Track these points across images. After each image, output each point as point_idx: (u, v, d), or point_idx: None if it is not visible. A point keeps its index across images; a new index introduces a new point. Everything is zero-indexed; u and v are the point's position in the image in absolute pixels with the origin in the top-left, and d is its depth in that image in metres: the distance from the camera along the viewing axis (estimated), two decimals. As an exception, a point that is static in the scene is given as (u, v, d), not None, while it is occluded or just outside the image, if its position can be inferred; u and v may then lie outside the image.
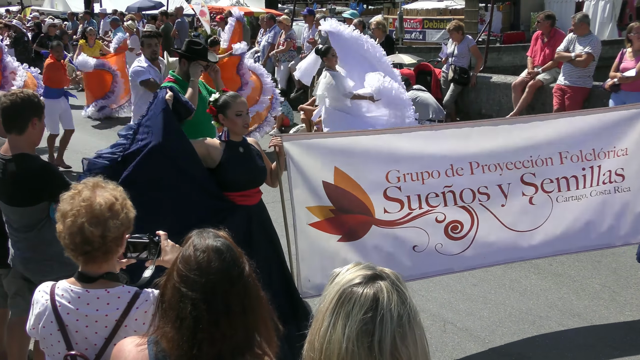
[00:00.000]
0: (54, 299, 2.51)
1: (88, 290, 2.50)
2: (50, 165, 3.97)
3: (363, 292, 1.56)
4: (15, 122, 3.79)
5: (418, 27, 31.83)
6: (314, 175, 4.58)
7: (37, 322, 2.54)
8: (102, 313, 2.48)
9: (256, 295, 1.99)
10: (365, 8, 34.71)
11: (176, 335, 1.91)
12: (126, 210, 2.53)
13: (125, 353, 2.06)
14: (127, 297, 2.51)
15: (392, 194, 4.60)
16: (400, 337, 1.53)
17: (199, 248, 1.97)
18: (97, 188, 2.53)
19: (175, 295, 1.93)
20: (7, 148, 3.84)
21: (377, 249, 4.69)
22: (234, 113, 4.46)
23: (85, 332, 2.48)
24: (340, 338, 1.54)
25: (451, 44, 11.64)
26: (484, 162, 4.70)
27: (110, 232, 2.45)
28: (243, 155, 4.52)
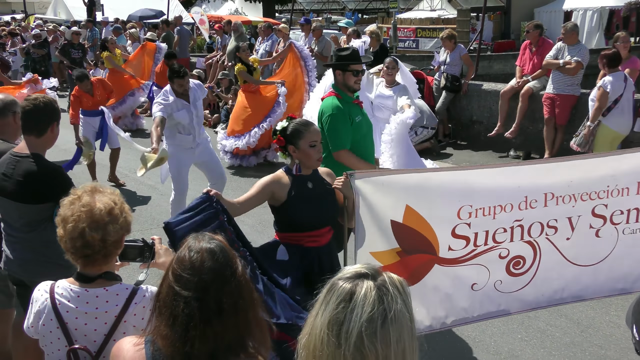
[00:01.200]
0: (54, 297, 2.51)
1: (87, 289, 2.51)
2: (61, 168, 3.99)
3: (343, 285, 1.61)
4: (37, 125, 3.84)
5: (411, 36, 31.94)
6: (384, 215, 4.01)
7: (37, 320, 2.54)
8: (102, 310, 2.49)
9: (249, 296, 2.00)
10: (360, 17, 34.79)
11: (170, 333, 1.92)
12: (125, 214, 2.55)
13: (124, 352, 2.07)
14: (126, 294, 2.52)
15: (460, 231, 4.08)
16: (369, 334, 1.54)
17: (193, 249, 1.99)
18: (96, 193, 2.54)
19: (169, 293, 1.94)
20: (23, 147, 3.87)
21: (436, 289, 4.18)
22: (307, 144, 3.79)
23: (85, 329, 2.49)
24: (319, 324, 1.59)
25: (443, 53, 11.69)
26: (560, 192, 4.13)
27: (110, 236, 2.46)
28: (312, 192, 3.87)
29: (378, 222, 3.98)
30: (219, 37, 18.11)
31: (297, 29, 18.61)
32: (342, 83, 5.08)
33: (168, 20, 18.35)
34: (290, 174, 3.86)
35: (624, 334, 4.80)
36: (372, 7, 40.28)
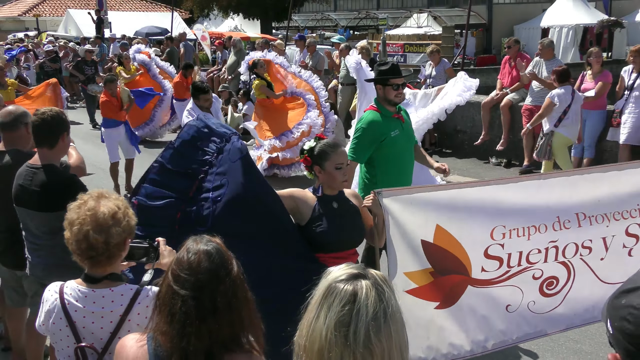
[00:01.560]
0: (63, 297, 2.52)
1: (94, 289, 2.51)
2: (74, 176, 3.97)
3: (344, 288, 1.60)
4: (47, 137, 3.83)
5: (400, 51, 32.04)
6: (414, 234, 3.71)
7: (47, 319, 2.55)
8: (107, 310, 2.49)
9: (243, 295, 2.00)
10: (352, 34, 34.86)
11: (168, 330, 1.93)
12: (128, 218, 2.54)
13: (127, 349, 2.06)
14: (130, 294, 2.52)
15: (493, 252, 3.81)
16: (375, 331, 1.55)
17: (191, 250, 1.99)
18: (102, 198, 2.55)
19: (168, 292, 1.95)
20: (37, 159, 3.86)
21: (472, 311, 3.89)
22: (333, 165, 3.55)
23: (92, 327, 2.49)
24: (321, 327, 1.57)
25: (429, 66, 11.72)
26: (591, 212, 3.89)
27: (112, 238, 2.46)
28: (337, 212, 3.61)
29: (408, 241, 3.70)
30: (219, 52, 18.14)
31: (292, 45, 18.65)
32: (383, 97, 4.92)
33: (172, 37, 18.38)
34: (316, 193, 3.66)
35: (598, 329, 4.80)
36: (362, 24, 40.33)
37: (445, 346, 3.82)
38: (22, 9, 40.43)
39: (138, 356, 2.01)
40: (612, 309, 1.37)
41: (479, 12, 36.55)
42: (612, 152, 9.04)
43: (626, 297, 1.34)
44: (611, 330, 1.35)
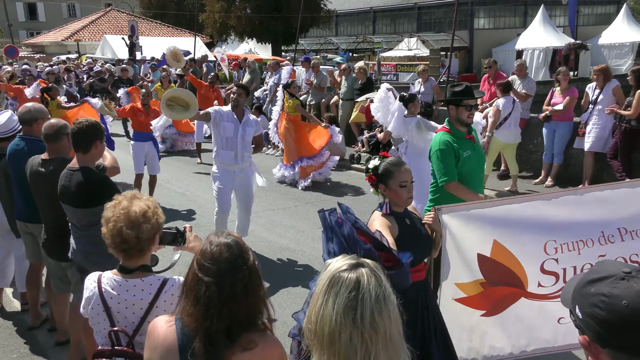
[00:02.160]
0: (101, 286, 2.54)
1: (127, 279, 2.53)
2: (106, 177, 4.01)
3: (348, 276, 1.61)
4: (82, 143, 3.87)
5: (392, 70, 32.07)
6: (470, 248, 3.53)
7: (87, 304, 2.57)
8: (138, 297, 2.50)
9: (257, 282, 2.03)
10: (351, 55, 34.87)
11: (194, 311, 1.96)
12: (157, 216, 2.56)
13: (158, 328, 2.08)
14: (158, 284, 2.53)
15: (549, 267, 3.56)
16: (378, 312, 1.58)
17: (213, 243, 2.02)
18: (134, 199, 2.57)
19: (194, 279, 1.98)
20: (75, 162, 3.91)
21: (519, 320, 3.69)
22: (397, 183, 3.23)
23: (125, 312, 2.51)
24: (330, 312, 1.58)
25: (418, 84, 11.73)
26: (632, 227, 3.60)
27: (143, 234, 2.49)
28: (411, 228, 3.30)
29: (463, 254, 3.54)
30: (235, 72, 18.21)
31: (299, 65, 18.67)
32: (455, 118, 4.42)
33: (194, 59, 18.39)
34: (388, 215, 3.26)
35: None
36: (360, 47, 40.37)
37: (486, 348, 3.70)
38: (65, 34, 40.64)
39: (167, 335, 2.03)
40: (580, 297, 1.37)
41: (462, 37, 36.58)
42: (578, 158, 9.04)
43: (594, 286, 1.34)
44: (581, 316, 1.35)
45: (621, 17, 34.72)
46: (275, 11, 32.96)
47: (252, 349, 1.94)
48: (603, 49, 33.11)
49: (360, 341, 1.56)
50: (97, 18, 42.86)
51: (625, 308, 1.27)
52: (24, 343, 4.91)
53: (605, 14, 43.13)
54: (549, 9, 34.86)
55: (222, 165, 6.40)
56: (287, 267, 6.48)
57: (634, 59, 31.26)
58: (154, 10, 44.48)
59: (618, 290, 1.30)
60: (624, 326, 1.27)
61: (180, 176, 11.00)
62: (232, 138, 6.29)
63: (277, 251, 6.93)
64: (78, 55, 31.63)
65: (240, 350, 1.94)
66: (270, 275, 6.23)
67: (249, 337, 1.96)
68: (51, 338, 4.91)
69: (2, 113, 5.28)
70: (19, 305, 5.55)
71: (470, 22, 38.00)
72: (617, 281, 1.32)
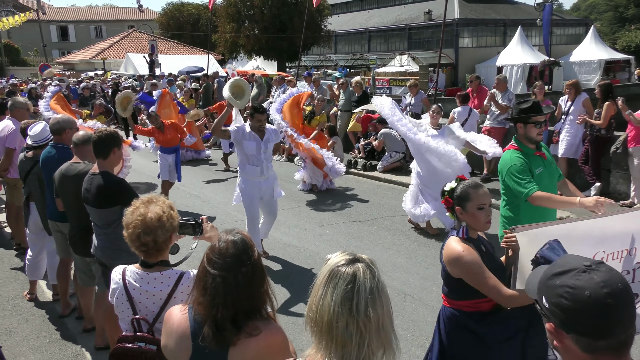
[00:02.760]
0: (125, 278, 2.54)
1: (148, 273, 2.53)
2: (123, 180, 4.02)
3: (346, 270, 1.61)
4: (102, 151, 3.88)
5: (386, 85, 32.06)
6: None
7: (113, 294, 2.57)
8: (158, 289, 2.50)
9: (261, 276, 2.02)
10: (348, 71, 34.87)
11: (203, 301, 1.96)
12: (171, 220, 2.55)
13: (173, 317, 2.08)
14: (175, 277, 2.53)
15: None
16: (372, 303, 1.58)
17: (222, 240, 2.02)
18: (150, 204, 2.55)
19: (203, 271, 1.98)
20: (95, 168, 3.92)
21: None
22: (475, 206, 2.85)
23: (146, 302, 2.51)
24: (329, 302, 1.59)
25: (409, 97, 11.72)
26: None
27: (159, 237, 2.49)
28: (487, 255, 2.89)
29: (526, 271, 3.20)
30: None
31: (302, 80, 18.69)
32: (524, 135, 3.91)
33: (207, 74, 18.43)
34: (466, 241, 2.87)
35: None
36: (357, 63, 40.40)
37: None
38: (92, 53, 40.75)
39: (182, 321, 2.04)
40: (547, 289, 1.39)
41: (448, 54, 36.62)
42: (553, 163, 9.02)
43: (560, 278, 1.36)
44: (547, 305, 1.38)
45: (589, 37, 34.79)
46: (281, 31, 33.04)
47: (256, 335, 1.94)
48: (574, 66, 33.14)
49: (356, 329, 1.57)
50: (121, 38, 42.94)
51: (587, 298, 1.29)
52: (55, 329, 4.91)
53: (576, 35, 43.21)
54: (525, 29, 34.95)
55: (249, 177, 6.11)
56: (291, 262, 6.47)
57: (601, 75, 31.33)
58: (171, 31, 44.59)
59: (581, 282, 1.32)
60: (585, 313, 1.30)
61: (194, 180, 11.00)
62: (256, 155, 6.00)
63: (281, 247, 6.92)
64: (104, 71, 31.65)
65: (245, 336, 1.93)
66: (276, 268, 6.23)
67: (253, 325, 1.96)
68: (79, 325, 4.91)
69: (36, 124, 5.30)
70: (51, 295, 5.55)
71: (456, 41, 38.05)
72: (579, 274, 1.35)
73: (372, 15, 49.04)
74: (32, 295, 5.54)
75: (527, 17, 39.27)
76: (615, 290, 1.30)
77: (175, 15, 45.81)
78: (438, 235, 7.21)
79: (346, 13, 52.92)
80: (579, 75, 30.80)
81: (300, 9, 30.88)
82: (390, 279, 5.73)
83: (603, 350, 1.31)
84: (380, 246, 6.87)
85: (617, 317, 1.29)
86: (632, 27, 53.53)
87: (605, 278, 1.31)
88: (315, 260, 6.40)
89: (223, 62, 36.75)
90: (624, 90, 26.30)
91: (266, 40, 33.14)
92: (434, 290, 5.50)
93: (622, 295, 1.30)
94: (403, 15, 44.72)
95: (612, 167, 8.30)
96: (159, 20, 47.85)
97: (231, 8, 34.12)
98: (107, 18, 62.84)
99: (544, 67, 29.05)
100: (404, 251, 6.67)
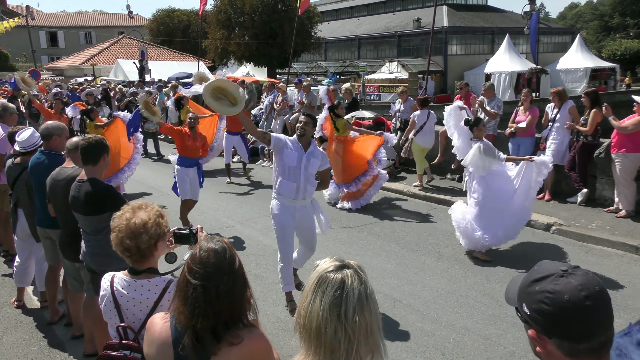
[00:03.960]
0: (113, 285, 2.53)
1: (135, 280, 2.52)
2: (111, 187, 4.00)
3: (334, 277, 1.62)
4: (92, 157, 3.87)
5: (375, 91, 32.23)
6: None
7: (102, 301, 2.56)
8: (145, 297, 2.49)
9: (242, 283, 1.99)
10: (338, 78, 35.00)
11: (183, 310, 1.94)
12: (156, 227, 2.51)
13: (154, 325, 2.07)
14: (162, 285, 2.51)
15: None
16: (359, 309, 1.58)
17: (203, 248, 1.98)
18: (139, 210, 2.54)
19: (184, 281, 1.95)
20: (84, 174, 3.90)
21: None
22: None
23: (133, 310, 2.50)
24: (318, 308, 1.59)
25: (398, 103, 11.77)
26: None
27: (142, 244, 2.47)
28: None
29: None
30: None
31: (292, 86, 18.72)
32: None
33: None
34: None
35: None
36: (347, 70, 40.56)
37: None
38: (82, 59, 40.56)
39: (163, 329, 2.02)
40: (526, 295, 1.41)
41: (437, 61, 36.86)
42: (540, 169, 9.09)
43: (539, 285, 1.38)
44: (528, 312, 1.40)
45: (575, 46, 35.25)
46: (271, 38, 33.10)
47: (238, 344, 1.91)
48: (561, 73, 33.53)
49: (344, 334, 1.57)
50: (110, 44, 42.78)
51: (567, 301, 1.32)
52: (43, 337, 4.86)
53: (562, 43, 43.74)
54: (513, 37, 35.31)
55: (282, 199, 5.15)
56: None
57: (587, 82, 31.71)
58: (162, 37, 44.51)
59: (559, 286, 1.35)
60: (566, 317, 1.32)
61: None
62: (295, 168, 5.06)
63: (271, 254, 6.91)
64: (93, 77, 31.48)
65: (227, 345, 1.91)
66: (265, 275, 6.21)
67: (235, 333, 1.93)
68: (68, 332, 4.86)
69: (24, 130, 5.27)
70: (38, 302, 5.50)
71: (445, 49, 38.34)
72: (557, 278, 1.37)
73: (362, 22, 49.31)
74: (19, 302, 5.48)
75: (514, 25, 39.70)
76: (592, 292, 1.33)
77: (165, 21, 45.75)
78: (442, 247, 7.24)
79: (336, 20, 53.19)
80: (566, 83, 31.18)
81: (291, 16, 30.97)
82: (379, 284, 5.75)
83: (584, 352, 1.34)
84: (369, 252, 6.89)
85: (596, 319, 1.32)
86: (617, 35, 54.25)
87: (582, 281, 1.34)
88: (304, 267, 6.39)
89: (213, 69, 36.71)
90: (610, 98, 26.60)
91: (256, 47, 33.18)
92: (423, 295, 5.52)
93: (600, 297, 1.33)
94: (392, 23, 45.02)
95: (598, 173, 8.40)
96: (149, 26, 47.75)
97: (221, 15, 34.15)
98: (97, 24, 62.64)
99: (531, 74, 29.33)
100: (394, 257, 6.69)
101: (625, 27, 56.39)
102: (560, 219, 7.70)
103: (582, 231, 7.21)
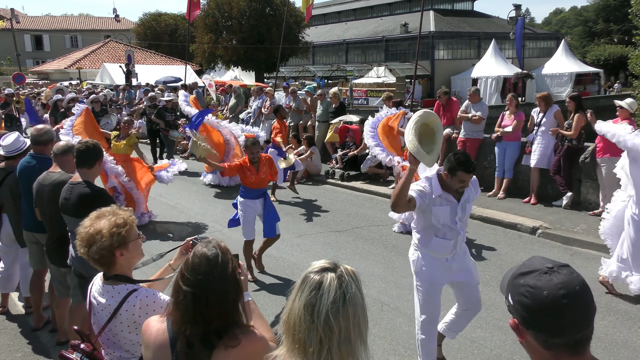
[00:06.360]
0: (91, 288, 2.58)
1: (104, 285, 2.52)
2: (103, 190, 4.00)
3: (313, 277, 1.64)
4: (87, 160, 3.90)
5: (363, 96, 32.34)
6: None
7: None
8: (107, 302, 2.47)
9: (235, 292, 1.97)
10: (326, 82, 35.06)
11: (175, 315, 1.94)
12: (110, 237, 2.46)
13: (150, 327, 2.07)
14: (124, 293, 2.46)
15: None
16: (334, 312, 1.58)
17: (196, 254, 1.96)
18: (100, 218, 2.52)
19: (176, 287, 1.95)
20: (77, 177, 3.91)
21: None
22: None
23: (99, 315, 2.50)
24: (296, 307, 1.62)
25: (385, 108, 11.81)
26: None
27: (92, 253, 2.46)
28: None
29: None
30: (222, 97, 18.18)
31: (279, 91, 18.74)
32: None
33: (186, 85, 18.33)
34: None
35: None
36: (334, 74, 40.67)
37: None
38: (67, 63, 40.18)
39: (159, 333, 2.02)
40: (512, 287, 1.48)
41: (424, 66, 37.11)
42: (526, 173, 9.19)
43: (523, 278, 1.45)
44: (511, 302, 1.48)
45: (560, 51, 35.69)
46: (258, 42, 33.12)
47: (235, 347, 1.90)
48: (546, 78, 33.92)
49: (315, 335, 1.58)
50: (97, 48, 42.46)
51: (545, 297, 1.38)
52: (27, 343, 4.81)
53: (547, 48, 44.26)
54: (499, 42, 35.66)
55: (434, 254, 4.09)
56: (270, 272, 6.45)
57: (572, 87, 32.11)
58: (149, 41, 44.30)
59: (541, 282, 1.41)
60: (543, 312, 1.39)
61: (171, 191, 10.87)
62: (450, 225, 3.96)
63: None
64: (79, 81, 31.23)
65: (224, 348, 1.90)
66: (253, 279, 6.20)
67: (233, 334, 1.92)
68: (53, 338, 4.82)
69: (9, 135, 5.22)
70: (23, 308, 5.44)
71: (432, 54, 38.62)
72: (541, 275, 1.43)
73: (350, 27, 49.50)
74: (3, 309, 5.42)
75: (500, 30, 40.12)
76: (571, 292, 1.38)
77: (152, 25, 45.54)
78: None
79: (324, 25, 53.34)
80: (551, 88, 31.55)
81: (279, 20, 31.03)
82: (367, 288, 5.75)
83: (559, 347, 1.40)
84: (357, 256, 6.91)
85: (571, 317, 1.38)
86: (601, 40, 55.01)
87: (563, 280, 1.40)
88: (293, 271, 6.40)
89: (201, 73, 36.58)
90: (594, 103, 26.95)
91: (244, 51, 33.17)
92: (410, 299, 5.52)
93: (578, 297, 1.38)
94: (380, 28, 45.26)
95: (583, 177, 8.51)
96: (135, 30, 47.51)
97: (209, 19, 34.11)
98: (83, 27, 62.14)
99: (517, 79, 29.65)
100: (381, 261, 6.72)
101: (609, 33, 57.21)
102: (546, 222, 7.78)
103: (567, 234, 7.31)
